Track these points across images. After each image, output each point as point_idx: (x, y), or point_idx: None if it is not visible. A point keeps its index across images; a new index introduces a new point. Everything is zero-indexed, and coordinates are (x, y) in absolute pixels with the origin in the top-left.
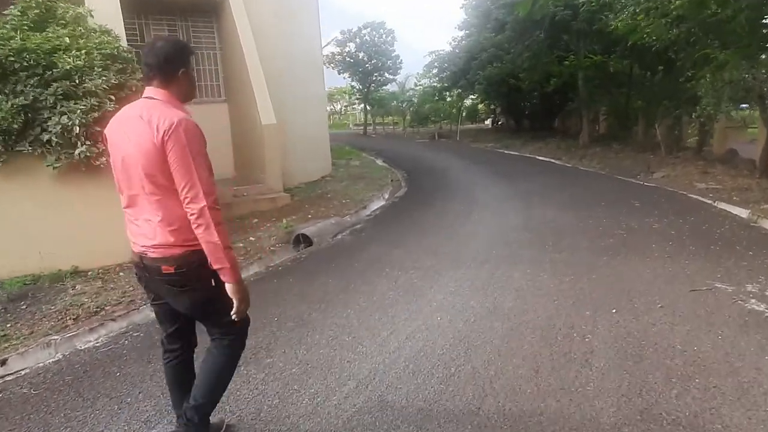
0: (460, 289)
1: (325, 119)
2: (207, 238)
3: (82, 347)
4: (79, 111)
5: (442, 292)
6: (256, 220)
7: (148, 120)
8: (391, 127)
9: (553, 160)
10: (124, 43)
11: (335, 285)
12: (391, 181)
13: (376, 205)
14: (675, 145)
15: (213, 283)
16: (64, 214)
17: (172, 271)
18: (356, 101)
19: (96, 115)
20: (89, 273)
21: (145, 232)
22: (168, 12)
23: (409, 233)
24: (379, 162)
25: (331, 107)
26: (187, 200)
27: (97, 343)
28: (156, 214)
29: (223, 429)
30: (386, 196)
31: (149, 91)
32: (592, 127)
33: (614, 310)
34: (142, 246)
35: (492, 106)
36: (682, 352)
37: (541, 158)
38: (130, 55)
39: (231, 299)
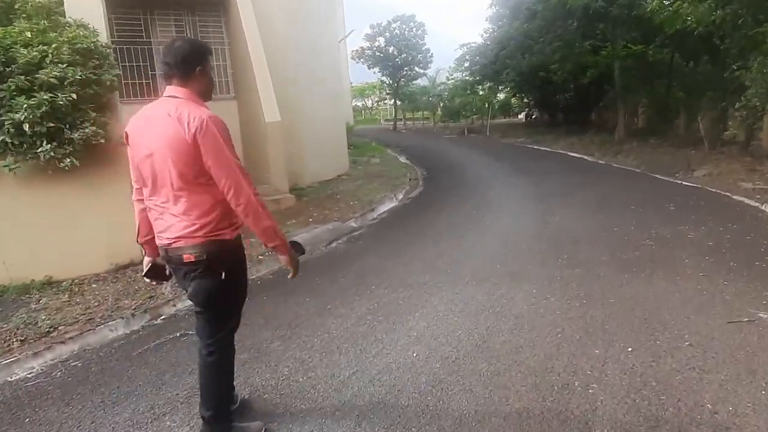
0: (449, 314)
1: (343, 117)
2: (258, 224)
3: (12, 378)
4: (25, 106)
5: (428, 318)
6: None
7: (177, 117)
8: (422, 122)
9: (585, 157)
10: (103, 38)
11: (311, 305)
12: (409, 179)
13: (386, 207)
14: (719, 139)
15: (223, 276)
16: (34, 221)
17: (193, 260)
18: (386, 96)
19: (44, 110)
20: (63, 284)
21: (171, 225)
22: (175, 6)
23: (411, 242)
24: (402, 159)
25: (362, 103)
26: (230, 193)
27: (30, 373)
28: (183, 208)
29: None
30: (399, 197)
31: (170, 90)
32: (629, 120)
33: (630, 349)
34: (167, 239)
35: (525, 100)
36: (711, 416)
37: (572, 154)
38: (108, 51)
39: (234, 296)
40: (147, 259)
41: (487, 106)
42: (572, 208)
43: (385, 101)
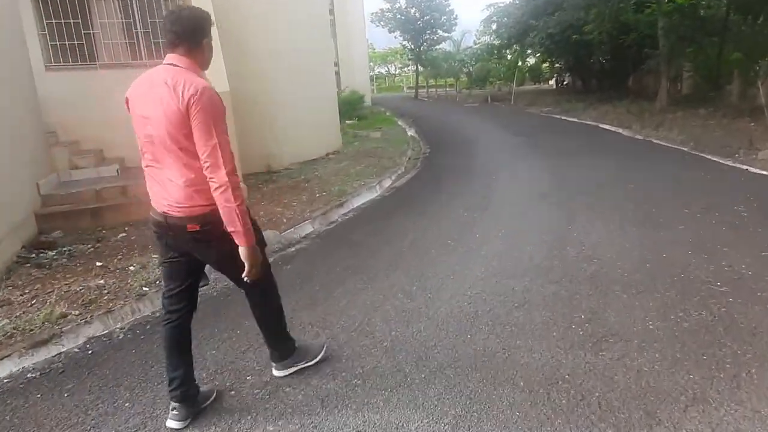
0: None
1: (334, 93)
2: (224, 202)
3: None
4: None
5: None
6: None
7: (173, 86)
8: (447, 89)
9: (620, 130)
10: None
11: (133, 410)
12: (408, 159)
13: (360, 201)
14: None
15: (229, 241)
16: None
17: (198, 229)
18: (409, 62)
19: None
20: None
21: (169, 192)
22: None
23: (357, 271)
24: (410, 132)
25: (386, 69)
26: (206, 165)
27: None
28: (180, 175)
29: (212, 397)
30: (385, 184)
31: (171, 58)
32: (672, 86)
33: None
34: (167, 205)
35: (557, 65)
36: None
37: (605, 127)
38: None
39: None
40: None
41: (512, 72)
42: (602, 213)
43: (408, 67)
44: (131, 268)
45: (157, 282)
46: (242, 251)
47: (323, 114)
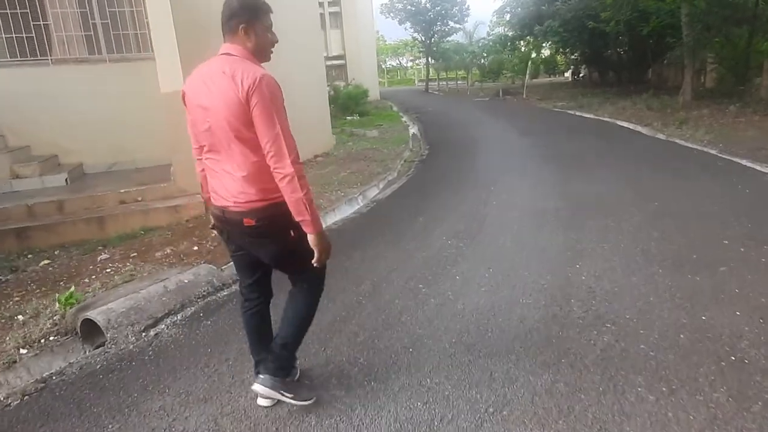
0: None
1: (324, 89)
2: (291, 192)
3: None
4: None
5: None
6: (105, 256)
7: (231, 75)
8: (459, 82)
9: (639, 128)
10: None
11: None
12: (404, 161)
13: (333, 219)
14: None
15: (292, 234)
16: None
17: (254, 224)
18: (420, 54)
19: None
20: None
21: (226, 185)
22: None
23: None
24: (412, 130)
25: (397, 62)
26: (270, 155)
27: None
28: (238, 167)
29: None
30: (369, 195)
31: (225, 47)
32: (695, 79)
33: None
34: (224, 199)
35: (573, 56)
36: None
37: (622, 124)
38: None
39: (310, 249)
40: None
41: (524, 64)
42: (618, 252)
43: (420, 60)
44: (20, 317)
45: (42, 340)
46: (311, 239)
47: (311, 112)
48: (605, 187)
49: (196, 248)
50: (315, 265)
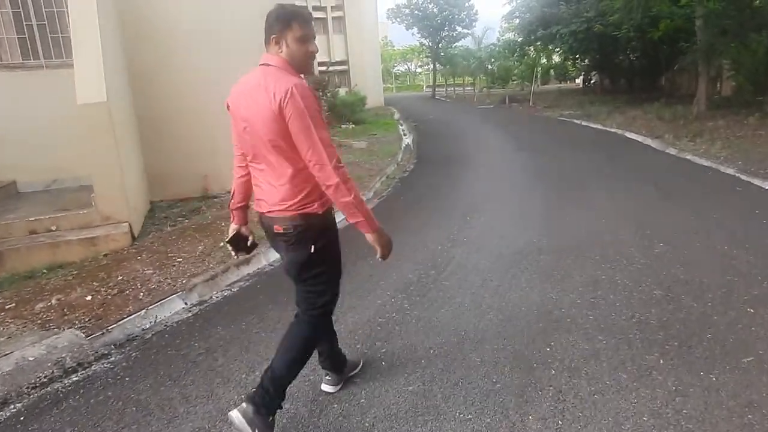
0: None
1: None
2: (339, 198)
3: None
4: None
5: None
6: None
7: (265, 87)
8: (467, 88)
9: (648, 141)
10: None
11: None
12: (384, 179)
13: (265, 260)
14: None
15: (313, 249)
16: None
17: (281, 231)
18: (427, 59)
19: None
20: None
21: (266, 193)
22: None
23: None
24: (406, 140)
25: (406, 67)
26: (312, 164)
27: None
28: (276, 177)
29: (359, 366)
30: None
31: (264, 57)
32: (710, 87)
33: None
34: (263, 206)
35: (584, 62)
36: None
37: (631, 136)
38: None
39: (324, 271)
40: (233, 227)
41: (532, 70)
42: (605, 335)
43: (428, 66)
44: None
45: None
46: (370, 237)
47: None
48: (602, 219)
49: (89, 298)
50: (380, 260)
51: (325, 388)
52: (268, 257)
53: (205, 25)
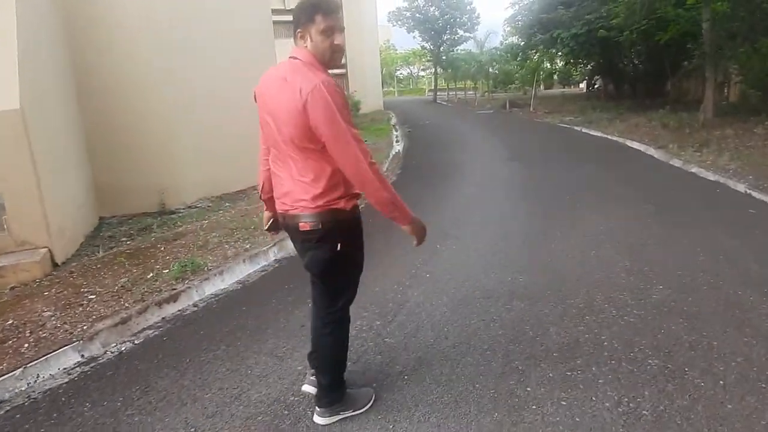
0: None
1: None
2: (376, 195)
3: None
4: None
5: None
6: None
7: (291, 83)
8: (469, 92)
9: (651, 150)
10: None
11: None
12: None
13: (219, 286)
14: None
15: (339, 247)
16: None
17: (308, 229)
18: (428, 63)
19: None
20: None
21: (288, 190)
22: None
23: None
24: (397, 147)
25: (408, 71)
26: (344, 161)
27: None
28: (299, 173)
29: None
30: (287, 247)
31: (292, 50)
32: (717, 93)
33: None
34: (284, 203)
35: (589, 67)
36: None
37: (633, 145)
38: None
39: (349, 269)
40: (267, 214)
41: (532, 75)
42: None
43: (430, 69)
44: None
45: None
46: (406, 229)
47: (250, 130)
48: (592, 250)
49: (11, 334)
50: (415, 245)
51: (306, 389)
52: (200, 292)
53: (178, 30)
